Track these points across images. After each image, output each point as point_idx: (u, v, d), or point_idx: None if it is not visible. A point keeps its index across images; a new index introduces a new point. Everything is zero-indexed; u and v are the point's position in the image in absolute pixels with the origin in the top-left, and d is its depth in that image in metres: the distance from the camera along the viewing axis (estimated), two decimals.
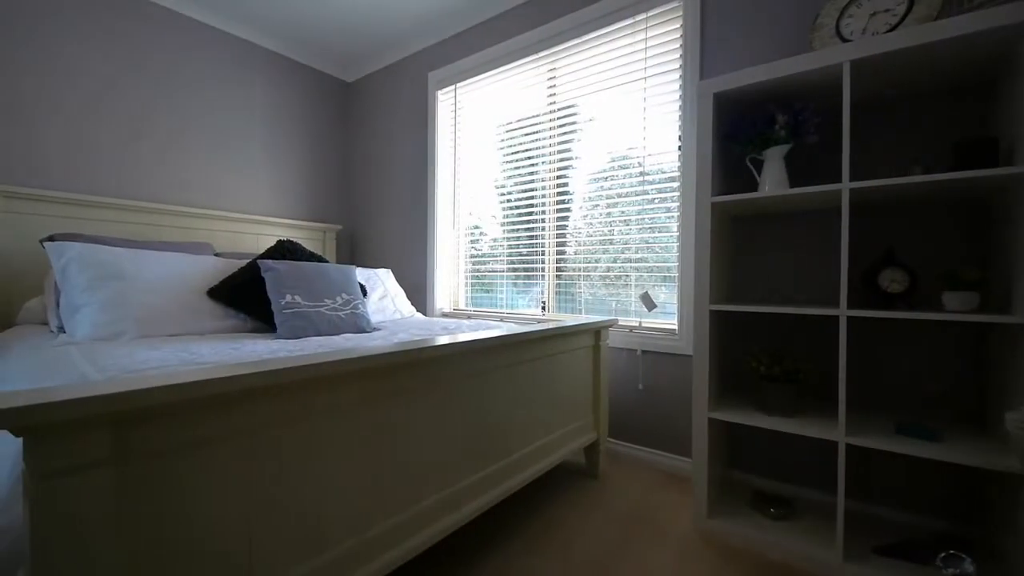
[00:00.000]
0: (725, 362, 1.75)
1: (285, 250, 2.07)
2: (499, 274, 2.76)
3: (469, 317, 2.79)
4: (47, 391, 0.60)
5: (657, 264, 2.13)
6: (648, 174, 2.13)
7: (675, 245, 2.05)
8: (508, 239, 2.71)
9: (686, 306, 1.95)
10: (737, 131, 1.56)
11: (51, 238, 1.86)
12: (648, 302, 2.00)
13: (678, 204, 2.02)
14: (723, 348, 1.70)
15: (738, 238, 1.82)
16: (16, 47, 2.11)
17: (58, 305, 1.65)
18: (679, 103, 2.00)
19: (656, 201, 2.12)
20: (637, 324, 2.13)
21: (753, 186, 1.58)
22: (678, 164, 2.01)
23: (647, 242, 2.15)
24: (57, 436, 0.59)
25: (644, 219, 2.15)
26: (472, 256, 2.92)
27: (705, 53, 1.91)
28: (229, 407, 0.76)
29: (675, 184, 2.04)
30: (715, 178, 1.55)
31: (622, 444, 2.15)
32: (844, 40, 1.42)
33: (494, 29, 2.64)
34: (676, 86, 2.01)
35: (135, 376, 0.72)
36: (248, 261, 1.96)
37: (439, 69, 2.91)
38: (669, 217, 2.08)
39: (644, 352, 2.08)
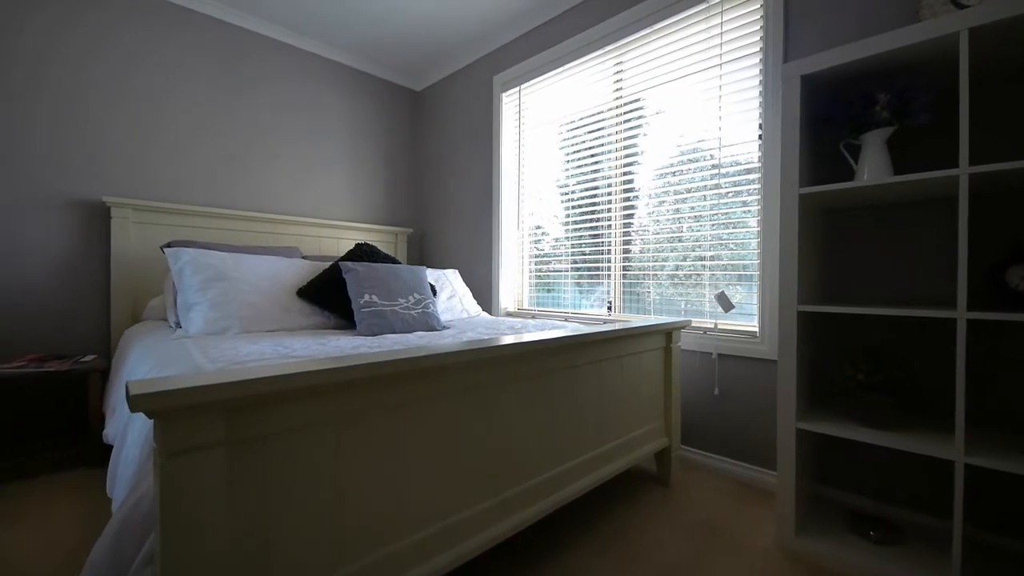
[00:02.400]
0: (814, 368, 1.61)
1: (363, 252, 2.21)
2: (562, 274, 2.74)
3: (534, 317, 2.80)
4: (174, 380, 0.68)
5: (732, 262, 2.00)
6: (722, 166, 2.01)
7: (754, 241, 1.91)
8: (570, 238, 2.69)
9: (769, 307, 1.82)
10: (830, 115, 1.43)
11: (169, 244, 2.12)
12: (725, 302, 1.89)
13: (758, 198, 1.89)
14: (811, 353, 1.56)
15: (828, 233, 1.66)
16: (141, 86, 2.44)
17: (175, 303, 1.88)
18: (759, 89, 1.87)
19: (731, 195, 1.99)
20: (712, 326, 2.02)
21: (845, 175, 1.43)
22: (758, 155, 1.88)
23: (721, 239, 2.03)
24: (182, 420, 0.67)
25: (717, 214, 2.04)
26: (534, 256, 2.93)
27: (789, 34, 1.77)
28: (322, 397, 0.83)
29: (753, 176, 1.91)
30: (802, 168, 1.42)
31: (696, 452, 2.05)
32: (960, 7, 1.25)
33: (559, 27, 2.63)
34: (756, 71, 1.88)
35: (244, 368, 0.79)
36: (331, 263, 2.11)
37: (503, 72, 2.95)
38: (746, 212, 1.95)
39: (720, 356, 1.97)
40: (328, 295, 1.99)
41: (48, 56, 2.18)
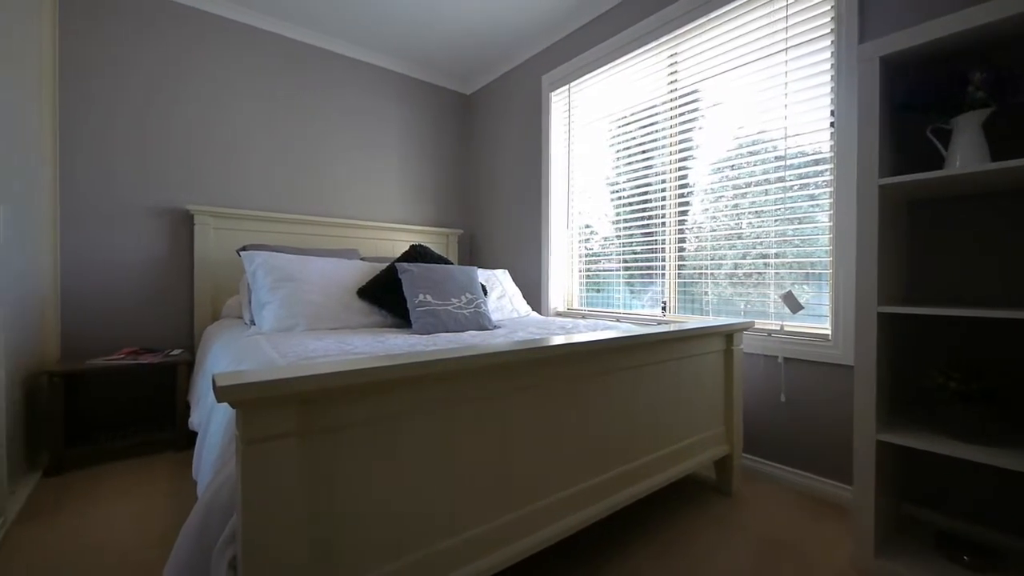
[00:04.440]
0: (896, 374, 1.47)
1: (417, 254, 2.28)
2: (612, 273, 2.69)
3: (584, 317, 2.77)
4: (255, 373, 0.74)
5: (798, 260, 1.87)
6: (787, 158, 1.89)
7: (825, 237, 1.79)
8: (620, 237, 2.63)
9: (844, 308, 1.69)
10: (912, 99, 1.31)
11: (244, 248, 2.29)
12: (792, 303, 1.77)
13: (829, 190, 1.76)
14: (893, 358, 1.43)
15: (910, 227, 1.52)
16: (218, 105, 2.65)
17: (250, 302, 2.03)
18: (831, 74, 1.74)
19: (797, 188, 1.87)
20: (778, 328, 1.90)
21: (931, 163, 1.30)
22: (830, 144, 1.75)
23: (785, 235, 1.91)
24: (261, 411, 0.72)
25: (781, 209, 1.92)
26: (583, 255, 2.89)
27: (865, 14, 1.64)
28: (382, 393, 0.86)
29: (822, 167, 1.78)
30: (882, 158, 1.31)
31: (759, 461, 1.94)
32: None
33: (608, 22, 2.58)
34: (826, 55, 1.75)
35: (313, 363, 0.84)
36: (387, 264, 2.19)
37: (552, 71, 2.94)
38: (814, 206, 1.82)
39: (787, 360, 1.85)
40: (385, 295, 2.07)
41: (140, 84, 2.43)
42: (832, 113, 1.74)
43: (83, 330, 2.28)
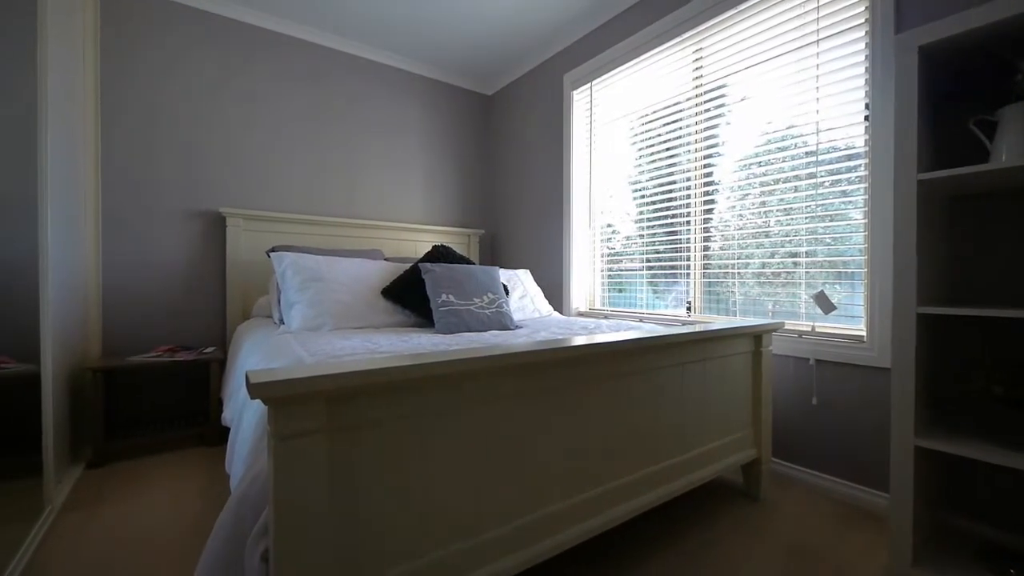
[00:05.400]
0: (935, 378, 1.41)
1: (439, 254, 2.30)
2: (634, 273, 2.65)
3: (606, 317, 2.74)
4: (287, 371, 0.76)
5: (829, 258, 1.81)
6: (818, 153, 1.83)
7: (860, 235, 1.72)
8: (643, 236, 2.59)
9: (879, 308, 1.63)
10: (953, 90, 1.25)
11: (274, 249, 2.36)
12: (824, 303, 1.72)
13: (863, 186, 1.70)
14: (932, 361, 1.37)
15: (952, 223, 1.45)
16: (246, 112, 2.73)
17: (279, 302, 2.09)
18: (865, 65, 1.68)
19: (828, 184, 1.81)
20: (809, 329, 1.84)
21: (974, 157, 1.24)
22: (864, 138, 1.69)
23: (816, 233, 1.85)
24: (292, 407, 0.74)
25: (812, 206, 1.86)
26: (605, 255, 2.87)
27: (902, 2, 1.57)
28: (407, 392, 0.87)
29: (856, 162, 1.72)
30: (921, 152, 1.26)
31: (789, 466, 1.89)
32: None
33: (631, 18, 2.55)
34: (860, 45, 1.69)
35: (341, 361, 0.86)
36: (410, 264, 2.22)
37: (574, 70, 2.92)
38: (846, 202, 1.76)
39: (819, 362, 1.79)
40: (408, 294, 2.09)
41: (177, 93, 2.52)
42: (866, 106, 1.68)
43: (122, 328, 2.38)
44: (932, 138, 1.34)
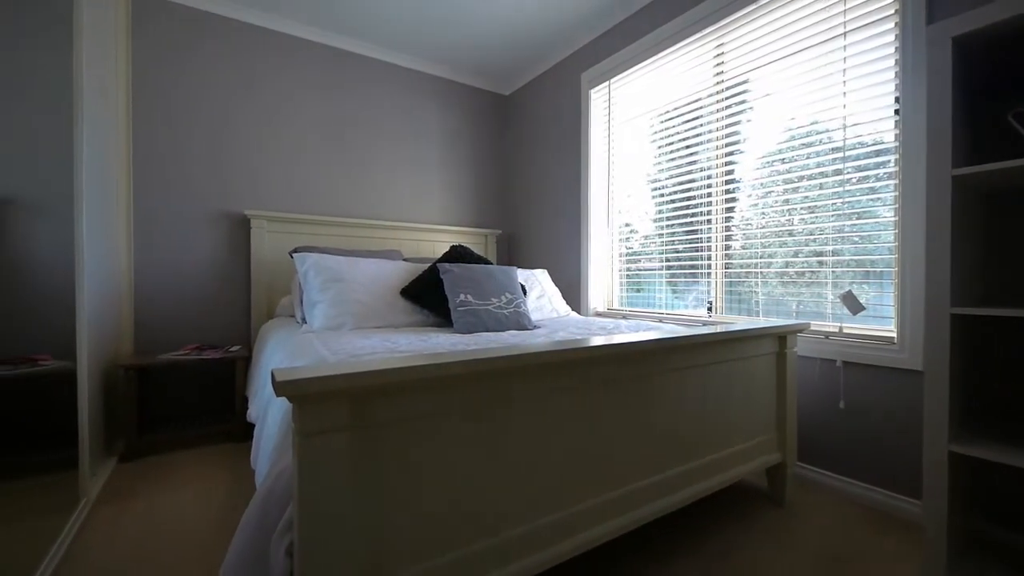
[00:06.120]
0: (971, 381, 1.36)
1: (457, 254, 2.31)
2: (653, 273, 2.62)
3: (625, 317, 2.72)
4: (312, 369, 0.77)
5: (857, 257, 1.76)
6: (845, 149, 1.78)
7: (890, 233, 1.67)
8: (662, 235, 2.56)
9: (911, 309, 1.58)
10: (988, 82, 1.20)
11: (296, 250, 2.40)
12: (852, 303, 1.67)
13: (893, 183, 1.65)
14: (966, 363, 1.32)
15: (988, 221, 1.39)
16: (271, 117, 2.80)
17: (301, 301, 2.13)
18: (895, 58, 1.63)
19: (856, 181, 1.76)
20: (836, 330, 1.79)
21: (1011, 151, 1.19)
22: (895, 134, 1.64)
23: (843, 231, 1.80)
24: (317, 405, 0.75)
25: (838, 203, 1.81)
26: (623, 255, 2.84)
27: None
28: (429, 391, 0.88)
29: (885, 158, 1.67)
30: (955, 146, 1.21)
31: (815, 470, 1.84)
32: None
33: (650, 15, 2.52)
34: (890, 38, 1.64)
35: (362, 360, 0.87)
36: (429, 265, 2.23)
37: (591, 68, 2.91)
38: (875, 200, 1.71)
39: (846, 364, 1.74)
40: (427, 294, 2.11)
41: (207, 98, 2.59)
42: (896, 100, 1.63)
43: (152, 327, 2.46)
44: (966, 132, 1.29)
